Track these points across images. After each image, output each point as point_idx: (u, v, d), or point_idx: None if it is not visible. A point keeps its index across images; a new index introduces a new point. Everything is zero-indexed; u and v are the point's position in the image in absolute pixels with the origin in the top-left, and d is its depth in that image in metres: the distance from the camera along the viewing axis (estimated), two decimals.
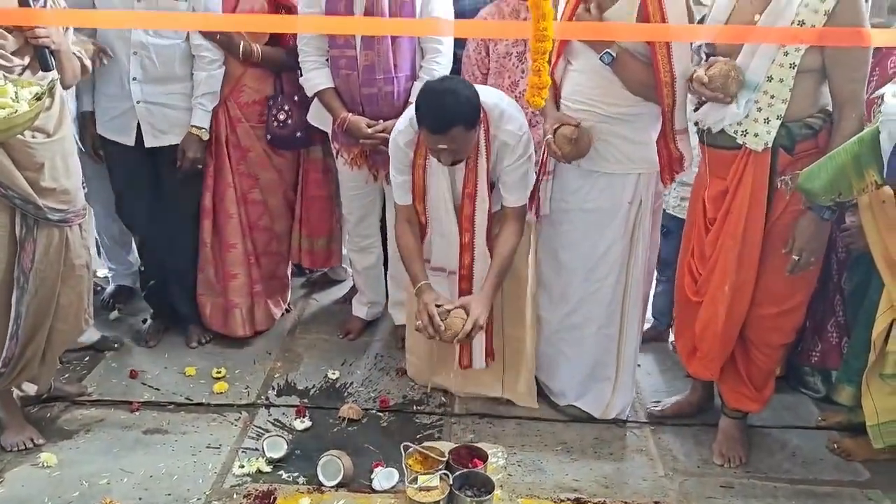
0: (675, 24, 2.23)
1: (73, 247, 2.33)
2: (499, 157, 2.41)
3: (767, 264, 2.21)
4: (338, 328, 3.27)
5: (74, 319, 2.42)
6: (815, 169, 1.96)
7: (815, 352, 2.69)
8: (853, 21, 1.99)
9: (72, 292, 2.38)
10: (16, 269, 2.20)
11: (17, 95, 1.93)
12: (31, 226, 2.20)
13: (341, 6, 2.64)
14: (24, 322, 2.26)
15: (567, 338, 2.63)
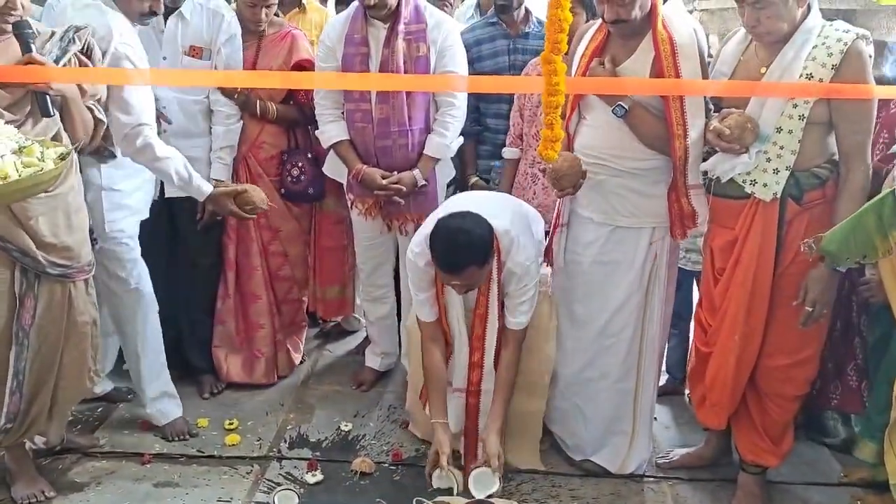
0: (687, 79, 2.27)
1: (76, 304, 2.32)
2: (506, 282, 2.47)
3: (777, 314, 2.22)
4: (351, 379, 3.29)
5: (78, 378, 2.40)
6: (837, 232, 1.97)
7: (835, 395, 2.66)
8: (859, 75, 2.05)
9: (75, 350, 2.36)
10: (14, 325, 2.20)
11: (44, 155, 1.98)
12: (31, 281, 2.20)
13: (357, 62, 2.73)
14: (28, 379, 2.25)
15: (582, 392, 2.62)
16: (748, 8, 2.06)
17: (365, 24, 2.74)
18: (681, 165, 2.29)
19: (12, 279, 2.17)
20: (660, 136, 2.29)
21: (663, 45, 2.23)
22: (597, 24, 2.43)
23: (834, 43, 2.05)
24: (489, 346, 2.52)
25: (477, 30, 3.15)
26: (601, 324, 2.51)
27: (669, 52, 2.23)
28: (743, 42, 2.25)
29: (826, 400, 2.69)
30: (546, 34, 1.65)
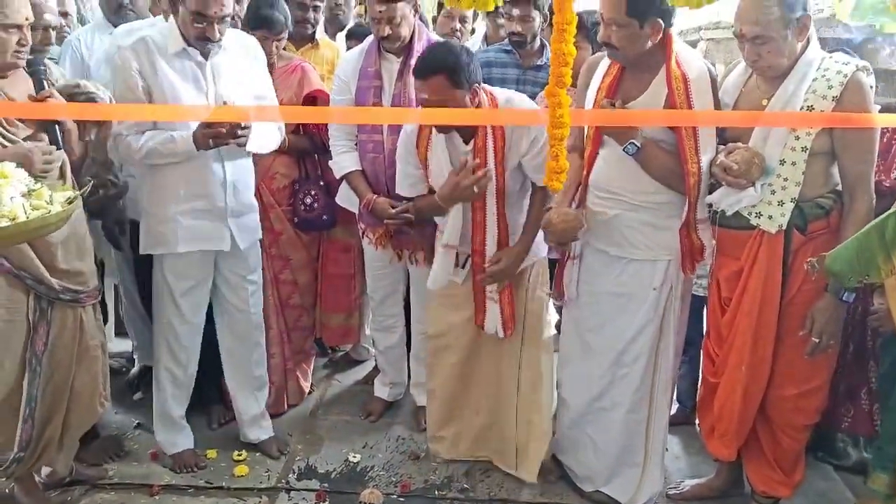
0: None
1: (87, 328, 2.39)
2: (514, 142, 2.51)
3: (785, 344, 2.24)
4: (359, 409, 3.30)
5: (90, 402, 2.46)
6: (840, 251, 2.00)
7: (847, 417, 2.67)
8: (860, 106, 2.11)
9: (87, 375, 2.42)
10: (28, 352, 2.25)
11: (52, 198, 2.04)
12: (44, 308, 2.26)
13: (370, 94, 2.81)
14: (40, 406, 2.29)
15: (593, 421, 2.63)
16: (748, 44, 2.12)
17: (378, 58, 2.82)
18: (693, 201, 2.32)
19: (27, 306, 2.23)
20: (673, 171, 2.31)
21: (677, 82, 2.27)
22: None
23: (834, 75, 2.11)
24: (489, 204, 2.55)
25: (491, 53, 3.23)
26: (615, 354, 2.52)
27: (683, 90, 2.26)
28: (744, 74, 2.31)
29: (837, 422, 2.70)
30: (550, 68, 1.69)
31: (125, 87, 2.50)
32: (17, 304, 2.22)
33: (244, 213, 2.75)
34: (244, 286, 2.84)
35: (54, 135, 2.27)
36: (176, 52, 2.52)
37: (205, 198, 2.63)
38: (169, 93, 2.50)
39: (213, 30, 2.45)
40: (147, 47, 2.51)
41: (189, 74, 2.53)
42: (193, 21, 2.43)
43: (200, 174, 2.60)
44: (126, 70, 2.49)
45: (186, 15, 2.44)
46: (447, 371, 2.83)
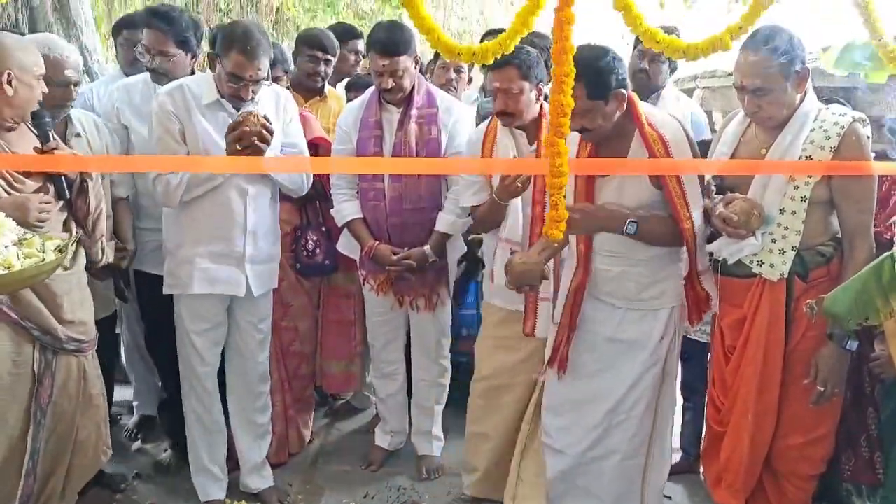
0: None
1: (90, 377, 2.41)
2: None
3: (790, 393, 2.24)
4: (360, 458, 3.28)
5: (93, 452, 2.45)
6: (839, 294, 2.01)
7: (848, 466, 2.63)
8: (857, 157, 2.15)
9: (90, 424, 2.42)
10: (33, 405, 2.25)
11: (44, 247, 2.07)
12: (49, 360, 2.27)
13: (371, 144, 2.87)
14: (43, 459, 2.28)
15: (586, 472, 2.56)
16: (749, 95, 2.17)
17: (379, 109, 2.88)
18: (693, 254, 2.32)
19: (32, 359, 2.23)
20: (671, 233, 2.32)
21: (656, 144, 2.29)
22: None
23: (831, 126, 2.15)
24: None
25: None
26: (613, 401, 2.47)
27: (664, 151, 2.28)
28: (743, 123, 2.36)
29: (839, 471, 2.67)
30: (549, 118, 1.73)
31: (163, 129, 2.58)
32: (23, 357, 2.23)
33: (263, 261, 2.78)
34: (253, 334, 2.85)
35: (61, 186, 2.31)
36: (210, 103, 2.59)
37: (224, 242, 2.68)
38: (202, 141, 2.57)
39: (248, 90, 2.54)
40: (183, 94, 2.59)
41: (221, 124, 2.58)
42: (229, 80, 2.51)
43: (222, 218, 2.66)
44: (164, 113, 2.58)
45: (223, 74, 2.52)
46: (504, 412, 2.79)
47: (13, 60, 2.17)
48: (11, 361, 2.21)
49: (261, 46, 2.49)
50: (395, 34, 2.75)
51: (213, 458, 2.86)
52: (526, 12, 1.76)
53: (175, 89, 2.61)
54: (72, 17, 4.66)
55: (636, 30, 1.91)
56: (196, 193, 2.61)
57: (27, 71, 2.20)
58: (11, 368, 2.21)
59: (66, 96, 2.56)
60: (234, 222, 2.67)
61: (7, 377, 2.20)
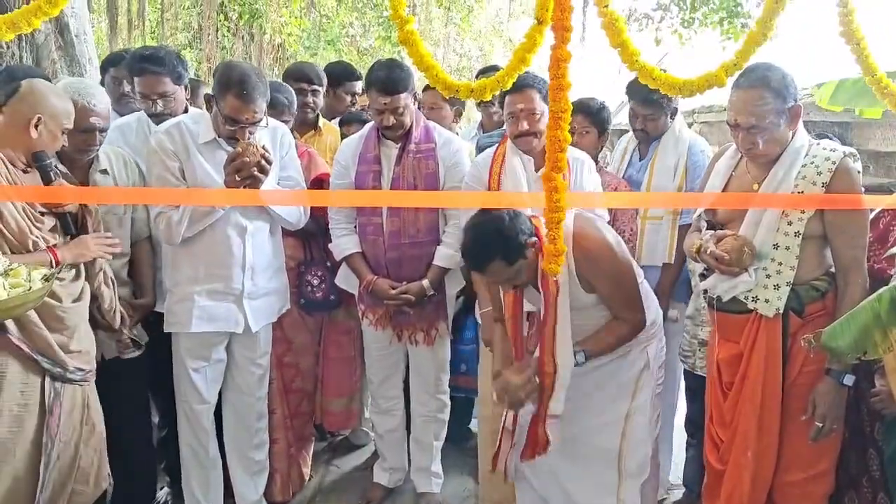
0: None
1: (91, 406, 2.42)
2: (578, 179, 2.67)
3: (789, 429, 2.24)
4: (359, 496, 3.26)
5: (95, 480, 2.45)
6: (837, 328, 2.01)
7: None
8: (849, 191, 2.17)
9: (92, 452, 2.43)
10: (45, 436, 2.26)
11: (30, 276, 2.09)
12: (58, 391, 2.29)
13: (370, 178, 2.89)
14: (45, 488, 2.28)
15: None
16: (743, 133, 2.19)
17: (378, 144, 2.92)
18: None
19: (42, 390, 2.25)
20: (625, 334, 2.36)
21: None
22: None
23: (822, 162, 2.18)
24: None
25: (495, 137, 3.31)
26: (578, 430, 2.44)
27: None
28: (734, 157, 2.38)
29: None
30: (546, 153, 1.75)
31: (163, 167, 2.60)
32: (31, 389, 2.24)
33: (260, 295, 2.79)
34: (251, 370, 2.86)
35: (66, 222, 2.35)
36: (207, 142, 2.63)
37: (223, 279, 2.70)
38: (200, 179, 2.60)
39: (244, 133, 2.57)
40: (181, 131, 2.62)
41: (218, 163, 2.60)
42: (225, 123, 2.55)
43: (220, 255, 2.68)
44: (163, 151, 2.60)
45: (219, 116, 2.55)
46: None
47: (47, 107, 2.24)
48: (20, 393, 2.22)
49: (257, 90, 2.52)
50: (394, 72, 2.79)
51: (209, 495, 2.84)
52: (523, 50, 1.80)
53: (172, 127, 2.64)
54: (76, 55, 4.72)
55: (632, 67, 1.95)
56: (197, 229, 2.63)
57: (57, 120, 2.27)
58: (20, 400, 2.22)
59: (90, 142, 2.58)
60: (232, 259, 2.69)
61: (16, 409, 2.21)
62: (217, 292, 2.70)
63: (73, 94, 2.46)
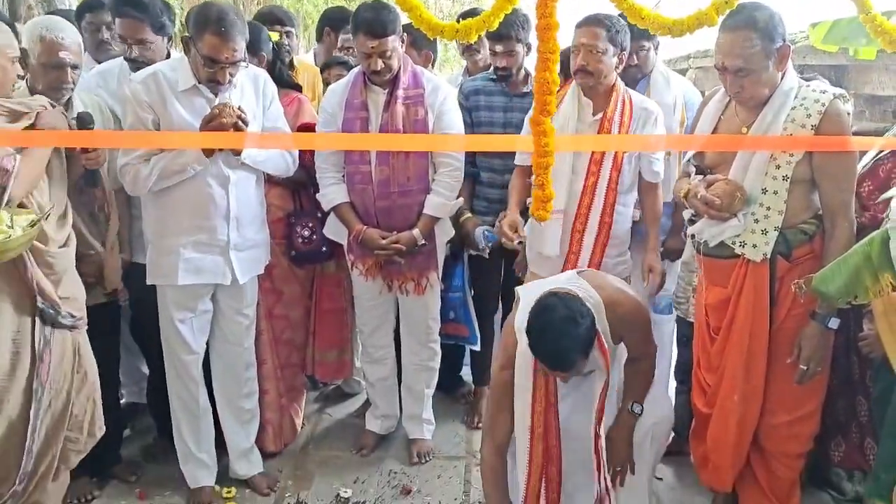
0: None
1: (83, 355, 2.43)
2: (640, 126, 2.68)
3: (775, 372, 2.27)
4: (351, 443, 3.30)
5: (88, 429, 2.48)
6: (828, 272, 2.02)
7: (838, 451, 2.69)
8: (838, 134, 2.16)
9: (86, 401, 2.45)
10: (35, 382, 2.27)
11: (13, 221, 2.06)
12: (48, 338, 2.30)
13: (357, 126, 2.86)
14: (38, 435, 2.31)
15: None
16: (731, 76, 2.17)
17: (365, 90, 2.87)
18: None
19: (32, 337, 2.26)
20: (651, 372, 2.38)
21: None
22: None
23: (812, 104, 2.16)
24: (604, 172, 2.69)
25: (479, 81, 3.30)
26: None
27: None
28: (722, 101, 2.36)
29: (829, 457, 2.70)
30: (535, 96, 1.72)
31: (136, 118, 2.55)
32: (23, 336, 2.25)
33: (247, 247, 2.78)
34: (239, 320, 2.86)
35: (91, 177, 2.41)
36: (186, 90, 2.57)
37: (207, 231, 2.67)
38: (178, 128, 2.55)
39: (224, 74, 2.51)
40: (157, 81, 2.55)
41: (198, 111, 2.56)
42: (204, 65, 2.49)
43: (204, 206, 2.64)
44: (137, 103, 2.55)
45: (198, 58, 2.50)
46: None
47: None
48: (11, 341, 2.23)
49: (235, 27, 2.47)
50: (382, 14, 2.73)
51: (201, 445, 2.87)
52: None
53: (149, 77, 2.57)
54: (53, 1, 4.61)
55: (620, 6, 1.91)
56: (166, 185, 2.59)
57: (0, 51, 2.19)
58: (11, 347, 2.24)
59: (62, 79, 2.51)
60: (216, 210, 2.66)
61: (7, 357, 2.23)
62: (202, 244, 2.67)
63: (41, 30, 2.40)
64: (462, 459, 3.15)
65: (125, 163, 2.56)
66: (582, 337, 2.10)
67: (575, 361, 2.12)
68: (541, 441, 2.31)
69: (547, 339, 2.11)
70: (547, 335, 2.11)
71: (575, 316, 2.10)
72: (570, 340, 2.09)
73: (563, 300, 2.14)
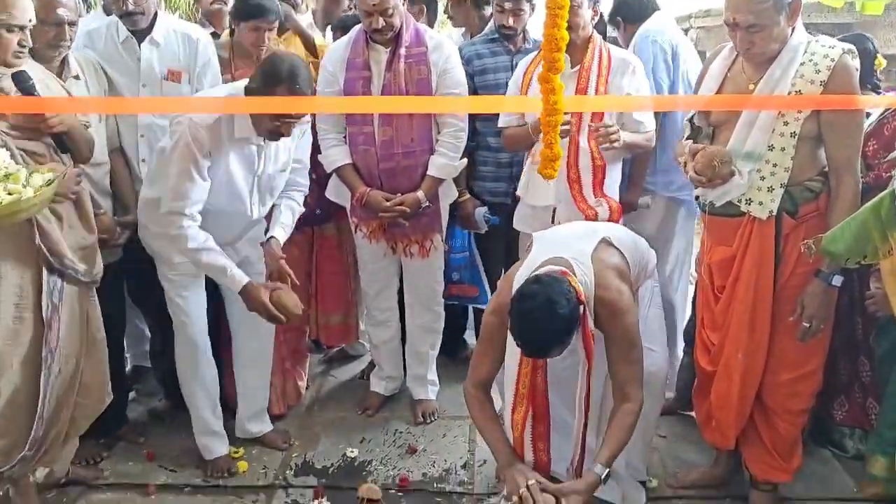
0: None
1: (93, 321, 2.45)
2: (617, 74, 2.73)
3: (779, 329, 2.29)
4: (356, 404, 3.33)
5: (98, 394, 2.51)
6: (837, 232, 2.02)
7: (841, 411, 2.72)
8: (847, 89, 2.15)
9: (95, 366, 2.47)
10: (44, 349, 2.28)
11: (29, 181, 2.03)
12: (56, 304, 2.30)
13: (359, 85, 2.83)
14: (49, 401, 2.33)
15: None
16: (741, 32, 2.13)
17: (366, 49, 2.84)
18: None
19: (38, 305, 2.26)
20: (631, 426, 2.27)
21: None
22: None
23: (821, 59, 2.13)
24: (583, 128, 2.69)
25: (478, 44, 3.27)
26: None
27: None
28: (728, 58, 2.33)
29: (832, 416, 2.73)
30: (543, 53, 1.69)
31: (191, 162, 2.46)
32: (25, 301, 2.25)
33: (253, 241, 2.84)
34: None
35: (62, 143, 2.32)
36: (241, 137, 2.54)
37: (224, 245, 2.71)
38: (224, 174, 2.55)
39: (291, 128, 2.52)
40: (219, 129, 2.49)
41: (245, 156, 2.59)
42: (272, 118, 2.46)
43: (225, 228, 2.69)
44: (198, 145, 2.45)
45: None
46: None
47: None
48: (13, 305, 2.23)
49: (307, 83, 2.47)
50: None
51: (215, 412, 2.87)
52: None
53: (214, 123, 2.48)
54: None
55: None
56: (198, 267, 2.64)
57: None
58: (14, 312, 2.23)
59: (59, 37, 2.48)
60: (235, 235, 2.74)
61: (10, 321, 2.23)
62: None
63: None
64: (466, 419, 3.17)
65: (175, 210, 2.49)
66: (560, 327, 2.09)
67: (551, 351, 2.14)
68: (525, 401, 2.34)
69: (525, 328, 2.11)
70: (525, 324, 2.11)
71: (555, 306, 2.06)
72: (547, 332, 2.09)
73: (547, 286, 2.11)
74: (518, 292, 2.16)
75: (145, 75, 2.81)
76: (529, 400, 2.34)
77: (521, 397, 2.35)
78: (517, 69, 2.91)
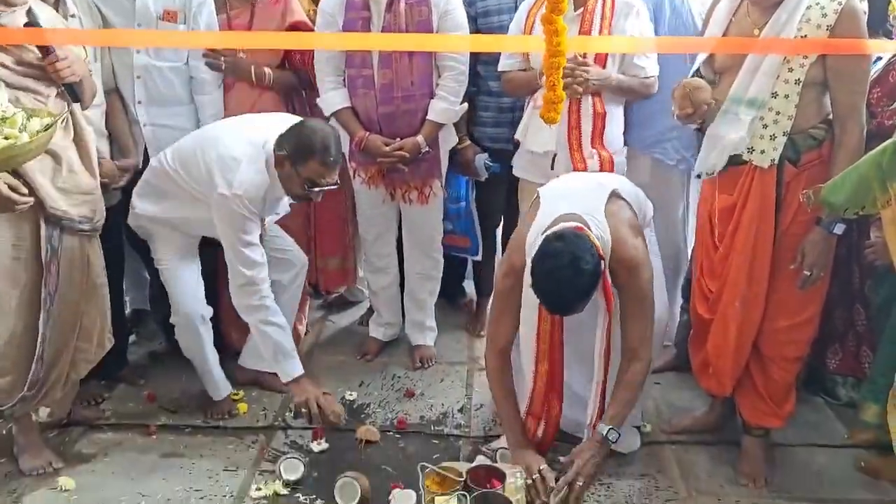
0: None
1: (93, 265, 2.45)
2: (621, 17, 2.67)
3: (778, 277, 2.30)
4: (355, 350, 3.35)
5: (98, 339, 2.52)
6: (837, 182, 2.00)
7: (835, 359, 2.74)
8: (854, 34, 2.10)
9: (95, 310, 2.49)
10: (43, 291, 2.29)
11: (26, 125, 1.99)
12: (55, 248, 2.30)
13: (359, 27, 2.79)
14: (49, 344, 2.35)
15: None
16: None
17: None
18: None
19: (37, 247, 2.26)
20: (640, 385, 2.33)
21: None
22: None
23: (828, 3, 2.10)
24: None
25: None
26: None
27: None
28: (734, 2, 2.27)
29: (825, 364, 2.75)
30: None
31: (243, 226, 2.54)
32: (23, 242, 2.25)
33: None
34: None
35: (73, 91, 2.28)
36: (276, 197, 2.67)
37: None
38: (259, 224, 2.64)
39: (320, 195, 2.56)
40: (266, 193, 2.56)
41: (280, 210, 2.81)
42: (303, 185, 2.50)
43: None
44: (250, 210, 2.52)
45: (294, 176, 2.50)
46: None
47: None
48: (11, 245, 2.24)
49: (339, 154, 2.55)
50: None
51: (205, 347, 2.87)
52: None
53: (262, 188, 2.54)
54: None
55: None
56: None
57: None
58: (11, 252, 2.24)
59: None
60: None
61: (8, 262, 2.24)
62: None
63: None
64: (464, 365, 3.21)
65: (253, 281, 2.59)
66: (585, 284, 2.09)
67: (576, 308, 2.14)
68: (546, 357, 2.36)
69: (550, 286, 2.10)
70: (551, 283, 2.09)
71: (580, 262, 2.05)
72: (573, 290, 2.08)
73: (570, 244, 2.09)
74: (541, 251, 2.13)
75: (140, 14, 2.76)
76: (549, 355, 2.36)
77: (542, 353, 2.36)
78: (519, 10, 2.84)
